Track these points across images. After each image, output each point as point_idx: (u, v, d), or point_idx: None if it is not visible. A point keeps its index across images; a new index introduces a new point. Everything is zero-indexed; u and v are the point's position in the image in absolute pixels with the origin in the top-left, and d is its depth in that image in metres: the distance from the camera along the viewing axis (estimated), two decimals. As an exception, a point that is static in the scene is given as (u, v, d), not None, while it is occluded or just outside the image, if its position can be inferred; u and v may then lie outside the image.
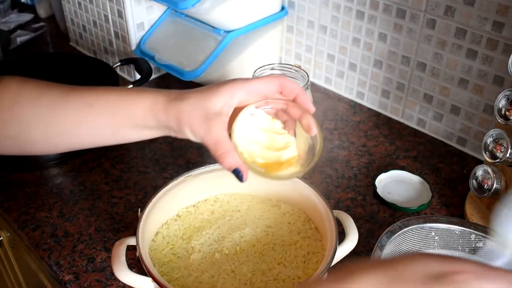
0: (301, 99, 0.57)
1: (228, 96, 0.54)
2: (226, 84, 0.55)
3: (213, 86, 0.55)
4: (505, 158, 0.68)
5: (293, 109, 0.57)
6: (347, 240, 0.63)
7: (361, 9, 0.96)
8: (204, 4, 0.92)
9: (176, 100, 0.55)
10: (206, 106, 0.54)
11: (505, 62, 0.80)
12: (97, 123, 0.57)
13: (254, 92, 0.55)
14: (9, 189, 0.84)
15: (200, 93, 0.55)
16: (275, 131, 0.58)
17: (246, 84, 0.55)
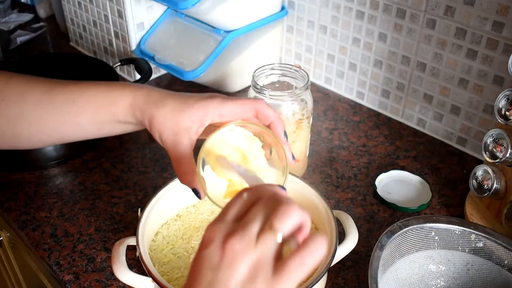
0: (275, 128, 0.56)
1: (201, 115, 0.54)
2: (201, 101, 0.55)
3: (191, 99, 0.55)
4: (505, 158, 0.68)
5: (268, 137, 0.57)
6: (347, 240, 0.63)
7: (361, 9, 0.96)
8: (204, 4, 0.92)
9: (153, 105, 0.56)
10: (177, 120, 0.54)
11: (505, 62, 0.80)
12: (81, 119, 0.58)
13: (228, 115, 0.55)
14: (9, 189, 0.84)
15: (175, 104, 0.55)
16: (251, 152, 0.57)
17: (221, 106, 0.55)
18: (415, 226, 0.61)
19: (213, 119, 0.55)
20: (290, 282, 0.38)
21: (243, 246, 0.38)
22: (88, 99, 0.58)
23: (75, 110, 0.58)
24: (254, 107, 0.55)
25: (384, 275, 0.58)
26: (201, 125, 0.55)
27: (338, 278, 0.69)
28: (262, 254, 0.38)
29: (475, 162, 0.89)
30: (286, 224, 0.39)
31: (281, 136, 0.56)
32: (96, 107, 0.58)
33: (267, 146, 0.58)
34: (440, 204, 0.82)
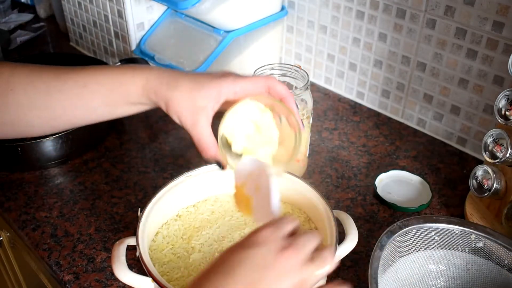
0: (287, 102, 0.59)
1: (215, 94, 0.57)
2: (215, 79, 0.57)
3: (204, 78, 0.58)
4: (505, 158, 0.68)
5: (279, 108, 0.60)
6: (347, 240, 0.63)
7: (361, 9, 0.96)
8: (204, 4, 0.92)
9: (167, 86, 0.57)
10: (194, 99, 0.56)
11: (505, 62, 0.80)
12: (93, 103, 0.59)
13: (242, 91, 0.58)
14: (9, 189, 0.84)
15: (190, 84, 0.57)
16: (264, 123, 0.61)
17: (234, 84, 0.57)
18: (415, 226, 0.61)
19: (227, 97, 0.57)
20: None
21: (298, 262, 0.42)
22: (99, 82, 0.59)
23: (86, 94, 0.59)
24: (266, 84, 0.58)
25: (384, 275, 0.58)
26: (216, 103, 0.57)
27: (338, 278, 0.69)
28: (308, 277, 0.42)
29: (475, 162, 0.89)
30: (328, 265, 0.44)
31: (294, 108, 0.59)
32: (109, 90, 0.59)
33: (277, 115, 0.61)
34: (440, 204, 0.82)
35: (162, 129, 0.99)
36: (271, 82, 0.58)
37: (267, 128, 0.61)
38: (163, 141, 0.95)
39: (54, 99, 0.58)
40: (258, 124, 0.61)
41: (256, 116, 0.61)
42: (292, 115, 0.59)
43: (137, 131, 0.98)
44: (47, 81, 0.59)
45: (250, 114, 0.61)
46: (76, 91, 0.58)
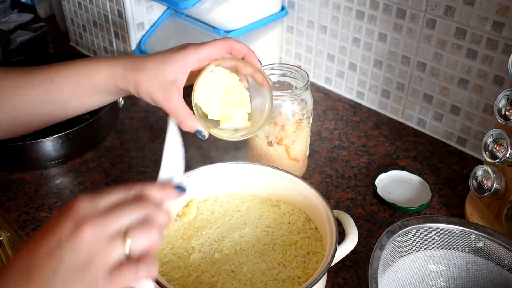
0: (249, 58, 0.62)
1: (182, 64, 0.58)
2: (178, 52, 0.59)
3: (167, 54, 0.59)
4: (505, 158, 0.68)
5: (245, 67, 0.62)
6: (347, 240, 0.63)
7: (361, 9, 0.96)
8: (204, 4, 0.92)
9: (133, 69, 0.59)
10: (161, 75, 0.58)
11: (505, 62, 0.80)
12: (61, 96, 0.61)
13: (206, 57, 0.60)
14: (9, 189, 0.84)
15: (155, 62, 0.59)
16: (233, 86, 0.64)
17: (197, 52, 0.59)
18: (415, 226, 0.61)
19: (193, 66, 0.59)
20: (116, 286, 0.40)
21: (94, 236, 0.40)
22: (65, 76, 0.60)
23: (54, 88, 0.60)
24: (226, 45, 0.61)
25: (384, 275, 0.58)
26: (184, 74, 0.59)
27: (338, 278, 0.69)
28: (106, 253, 0.40)
29: (475, 162, 0.89)
30: (140, 241, 0.42)
31: (257, 64, 0.62)
32: (75, 82, 0.60)
33: (243, 77, 0.64)
34: (440, 204, 0.82)
35: (162, 129, 0.98)
36: (231, 43, 0.61)
37: (236, 90, 0.64)
38: (163, 141, 0.95)
39: (24, 95, 0.60)
40: (228, 88, 0.64)
41: (223, 81, 0.63)
42: (257, 71, 0.62)
43: (137, 131, 0.98)
44: (16, 79, 0.60)
45: (217, 80, 0.63)
46: (44, 86, 0.60)
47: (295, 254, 0.64)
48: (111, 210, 0.42)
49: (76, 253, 0.40)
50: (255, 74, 0.62)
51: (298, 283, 0.60)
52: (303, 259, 0.63)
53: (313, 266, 0.62)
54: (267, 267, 0.62)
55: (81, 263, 0.40)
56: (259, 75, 0.62)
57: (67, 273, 0.40)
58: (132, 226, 0.42)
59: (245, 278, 0.61)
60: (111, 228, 0.41)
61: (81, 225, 0.40)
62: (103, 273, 0.40)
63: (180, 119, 0.59)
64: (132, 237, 0.41)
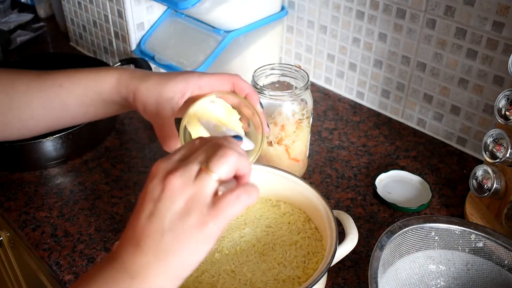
0: (251, 98, 0.61)
1: (182, 86, 0.58)
2: (182, 75, 0.59)
3: (172, 74, 0.60)
4: (505, 158, 0.68)
5: (245, 108, 0.61)
6: (347, 240, 0.63)
7: (361, 9, 0.96)
8: (204, 4, 0.92)
9: (138, 79, 0.59)
10: (160, 91, 0.58)
11: (505, 62, 0.80)
12: (68, 102, 0.61)
13: (207, 87, 0.60)
14: (9, 189, 0.84)
15: (159, 79, 0.59)
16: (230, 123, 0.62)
17: (200, 79, 0.59)
18: (415, 226, 0.61)
19: (193, 91, 0.59)
20: (224, 216, 0.42)
21: (181, 182, 0.42)
22: (75, 81, 0.61)
23: (63, 93, 0.60)
24: (230, 80, 0.60)
25: (384, 275, 0.58)
26: (182, 96, 0.59)
27: (338, 278, 0.69)
28: (199, 190, 0.41)
29: (475, 162, 0.89)
30: (222, 167, 0.42)
31: (256, 106, 0.61)
32: (84, 88, 0.61)
33: (245, 119, 0.62)
34: (440, 204, 0.82)
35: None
36: (236, 79, 0.60)
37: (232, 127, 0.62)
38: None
39: (33, 98, 0.60)
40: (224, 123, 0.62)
41: (222, 115, 0.62)
42: (256, 115, 0.60)
43: (137, 131, 0.98)
44: (27, 81, 0.60)
45: (216, 112, 0.61)
46: (53, 89, 0.60)
47: (295, 254, 0.64)
48: (187, 156, 0.44)
49: (173, 204, 0.41)
50: (253, 116, 0.61)
51: (298, 283, 0.60)
52: (303, 259, 0.63)
53: (313, 266, 0.62)
54: (267, 267, 0.62)
55: (182, 210, 0.41)
56: (257, 119, 0.61)
57: (173, 226, 0.41)
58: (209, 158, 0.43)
59: (245, 278, 0.61)
60: (194, 168, 0.42)
61: (166, 179, 0.42)
62: (206, 209, 0.41)
63: (163, 137, 0.58)
64: (212, 166, 0.42)
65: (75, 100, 0.61)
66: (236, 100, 0.61)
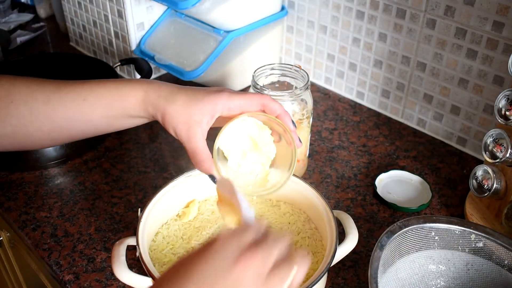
0: (282, 119, 0.60)
1: (210, 108, 0.58)
2: (210, 95, 0.58)
3: (200, 92, 0.59)
4: (505, 158, 0.68)
5: (276, 125, 0.61)
6: (347, 240, 0.63)
7: (361, 9, 0.96)
8: (204, 4, 0.92)
9: (165, 99, 0.59)
10: (189, 113, 0.58)
11: (505, 62, 0.80)
12: (92, 116, 0.60)
13: (237, 107, 0.59)
14: (9, 189, 0.84)
15: (186, 99, 0.58)
16: (262, 139, 0.62)
17: (229, 100, 0.58)
18: (415, 226, 0.61)
19: (222, 112, 0.58)
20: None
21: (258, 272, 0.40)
22: (99, 96, 0.60)
23: (86, 107, 0.59)
24: (260, 102, 0.59)
25: (384, 275, 0.58)
26: (211, 118, 0.58)
27: (338, 278, 0.69)
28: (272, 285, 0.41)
29: (475, 162, 0.89)
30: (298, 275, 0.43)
31: (289, 125, 0.60)
32: (108, 103, 0.60)
33: (276, 133, 0.62)
34: (440, 204, 0.82)
35: (162, 129, 0.98)
36: (266, 100, 0.59)
37: (264, 144, 0.62)
38: (163, 141, 0.95)
39: (55, 110, 0.59)
40: (256, 140, 0.62)
41: (254, 132, 0.62)
42: (287, 132, 0.60)
43: (137, 131, 0.98)
44: (48, 93, 0.59)
45: (248, 129, 0.61)
46: (76, 104, 0.59)
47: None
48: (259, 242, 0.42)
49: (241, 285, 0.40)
50: (285, 134, 0.61)
51: (298, 283, 0.60)
52: (303, 259, 0.63)
53: (313, 266, 0.62)
54: (267, 267, 0.62)
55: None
56: (289, 137, 0.60)
57: None
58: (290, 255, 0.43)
59: (245, 278, 0.60)
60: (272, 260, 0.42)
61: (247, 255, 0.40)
62: None
63: (197, 160, 0.58)
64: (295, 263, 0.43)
65: (100, 114, 0.60)
66: (267, 119, 0.61)
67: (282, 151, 0.63)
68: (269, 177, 0.63)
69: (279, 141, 0.63)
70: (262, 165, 0.63)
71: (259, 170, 0.63)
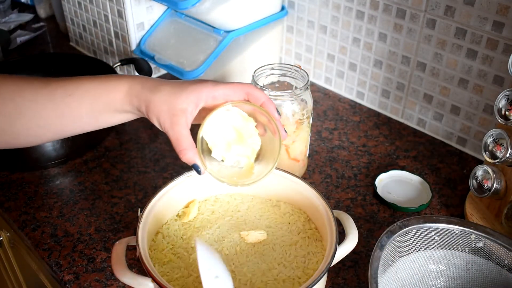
0: (267, 107, 0.60)
1: (195, 97, 0.58)
2: (195, 84, 0.59)
3: (184, 83, 0.59)
4: (505, 158, 0.68)
5: (261, 115, 0.61)
6: (347, 240, 0.63)
7: (361, 9, 0.96)
8: (204, 4, 0.92)
9: (150, 90, 0.59)
10: (173, 102, 0.58)
11: (505, 62, 0.80)
12: (79, 111, 0.60)
13: (220, 97, 0.59)
14: (9, 189, 0.84)
15: (171, 88, 0.59)
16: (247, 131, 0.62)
17: (214, 89, 0.59)
18: (415, 226, 0.61)
19: (206, 101, 0.59)
20: None
21: None
22: (85, 90, 0.60)
23: (73, 102, 0.59)
24: (244, 90, 0.60)
25: (384, 275, 0.58)
26: (195, 106, 0.58)
27: (338, 278, 0.69)
28: None
29: (475, 162, 0.89)
30: None
31: (274, 114, 0.60)
32: (94, 97, 0.60)
33: (261, 125, 0.62)
34: (440, 204, 0.82)
35: (162, 129, 0.98)
36: (250, 89, 0.60)
37: (249, 136, 0.62)
38: (163, 141, 0.95)
39: (42, 107, 0.59)
40: (241, 131, 0.62)
41: (238, 123, 0.61)
42: (272, 121, 0.60)
43: (137, 131, 0.98)
44: (36, 89, 0.59)
45: (232, 120, 0.61)
46: (63, 99, 0.59)
47: (295, 254, 0.64)
48: None
49: None
50: (270, 123, 0.61)
51: (298, 283, 0.60)
52: (303, 259, 0.63)
53: (313, 266, 0.62)
54: (267, 267, 0.62)
55: None
56: (274, 126, 0.61)
57: None
58: None
59: (245, 278, 0.61)
60: None
61: None
62: None
63: (181, 148, 0.58)
64: None
65: (86, 109, 0.60)
66: (252, 108, 0.61)
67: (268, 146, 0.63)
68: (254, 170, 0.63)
69: (264, 134, 0.63)
70: (247, 157, 0.63)
71: (244, 163, 0.64)
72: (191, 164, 0.59)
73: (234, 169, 0.64)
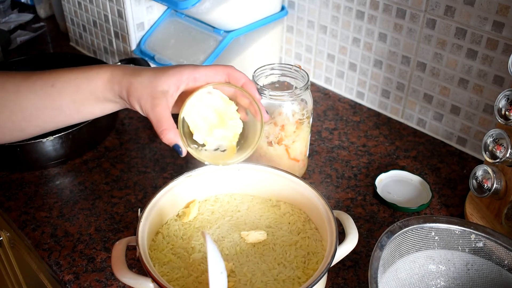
0: (248, 87, 0.61)
1: (176, 79, 0.58)
2: (175, 68, 0.59)
3: (165, 67, 0.60)
4: (505, 158, 0.68)
5: (242, 98, 0.62)
6: (347, 240, 0.63)
7: (361, 9, 0.96)
8: (204, 4, 0.92)
9: (131, 75, 0.59)
10: (154, 84, 0.58)
11: (505, 62, 0.80)
12: (60, 102, 0.60)
13: (202, 78, 0.60)
14: (9, 189, 0.84)
15: (152, 73, 0.59)
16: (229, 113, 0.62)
17: (194, 71, 0.59)
18: (415, 226, 0.61)
19: (187, 83, 0.59)
20: None
21: None
22: (66, 80, 0.60)
23: (54, 92, 0.60)
24: (225, 71, 0.60)
25: (384, 275, 0.58)
26: (176, 88, 0.59)
27: (338, 278, 0.69)
28: None
29: (475, 162, 0.89)
30: None
31: (255, 94, 0.61)
32: (76, 87, 0.60)
33: (243, 109, 0.63)
34: (440, 204, 0.82)
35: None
36: (230, 70, 0.60)
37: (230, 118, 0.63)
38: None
39: (24, 99, 0.60)
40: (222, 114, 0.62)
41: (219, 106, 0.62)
42: (253, 103, 0.60)
43: (137, 131, 0.98)
44: (17, 82, 0.60)
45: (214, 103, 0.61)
46: (44, 90, 0.60)
47: (295, 255, 0.64)
48: None
49: None
50: (251, 104, 0.62)
51: (298, 284, 0.60)
52: (303, 259, 0.63)
53: (313, 266, 0.62)
54: (267, 268, 0.62)
55: None
56: (255, 108, 0.61)
57: None
58: None
59: (245, 278, 0.61)
60: None
61: None
62: None
63: (162, 129, 0.58)
64: None
65: (68, 99, 0.60)
66: (233, 90, 0.61)
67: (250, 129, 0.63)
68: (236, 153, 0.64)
69: (246, 117, 0.63)
70: (229, 140, 0.64)
71: (226, 146, 0.64)
72: (172, 144, 0.59)
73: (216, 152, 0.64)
